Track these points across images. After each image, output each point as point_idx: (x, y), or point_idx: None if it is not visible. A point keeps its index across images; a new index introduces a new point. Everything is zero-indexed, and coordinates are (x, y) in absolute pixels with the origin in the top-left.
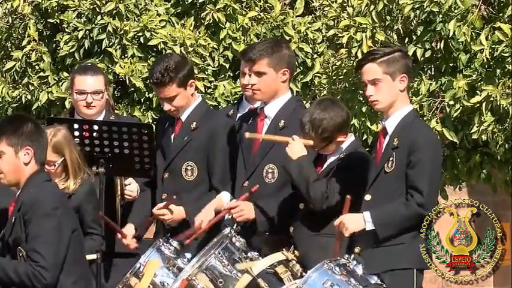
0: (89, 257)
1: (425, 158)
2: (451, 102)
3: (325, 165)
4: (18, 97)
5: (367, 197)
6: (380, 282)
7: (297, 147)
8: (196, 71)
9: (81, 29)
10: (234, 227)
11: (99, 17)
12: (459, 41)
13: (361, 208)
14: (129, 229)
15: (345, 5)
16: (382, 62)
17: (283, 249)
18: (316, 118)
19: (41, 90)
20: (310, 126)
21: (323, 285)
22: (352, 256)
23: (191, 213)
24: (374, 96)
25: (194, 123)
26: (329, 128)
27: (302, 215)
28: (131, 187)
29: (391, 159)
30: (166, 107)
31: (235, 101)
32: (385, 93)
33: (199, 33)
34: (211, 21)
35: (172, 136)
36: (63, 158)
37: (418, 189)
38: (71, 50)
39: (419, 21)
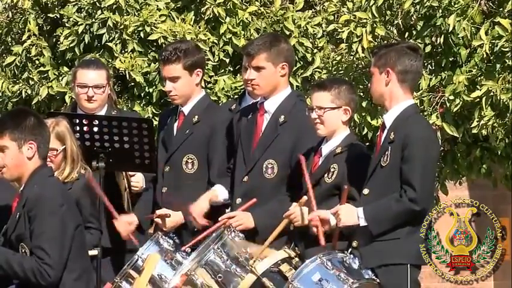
0: (90, 252)
1: (417, 154)
2: (451, 97)
3: (321, 159)
4: (18, 92)
5: (365, 191)
6: (374, 277)
7: (299, 215)
8: None
9: (81, 24)
10: None
11: (99, 12)
12: (459, 36)
13: (360, 202)
14: (131, 217)
15: (345, 0)
16: (377, 56)
17: (285, 247)
18: (333, 81)
19: (41, 85)
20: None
21: (312, 280)
22: (350, 250)
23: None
24: (371, 89)
25: (196, 116)
26: (341, 87)
27: None
28: (136, 178)
29: (386, 153)
30: (168, 86)
31: (236, 96)
32: (374, 86)
33: (200, 27)
34: (211, 16)
35: (175, 130)
36: (64, 146)
37: (411, 184)
38: (71, 45)
39: (419, 16)
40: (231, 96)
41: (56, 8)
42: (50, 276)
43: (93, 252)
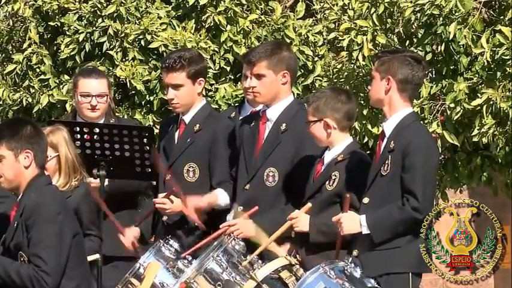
0: (90, 257)
1: (417, 162)
2: (452, 105)
3: (323, 167)
4: (19, 100)
5: (365, 200)
6: (377, 286)
7: (303, 221)
8: None
9: (82, 32)
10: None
11: (100, 20)
12: (460, 43)
13: (360, 211)
14: (133, 230)
15: (346, 8)
16: (380, 61)
17: (286, 254)
18: (318, 93)
19: (41, 93)
20: (311, 96)
21: None
22: (351, 259)
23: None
24: (370, 91)
25: (197, 125)
26: (323, 104)
27: None
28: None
29: (387, 162)
30: (170, 94)
31: (237, 104)
32: (373, 90)
33: (200, 36)
34: (212, 24)
35: (176, 138)
36: (57, 154)
37: (413, 193)
38: (72, 53)
39: (420, 24)
40: (232, 104)
41: (57, 16)
42: (48, 283)
43: (93, 257)
